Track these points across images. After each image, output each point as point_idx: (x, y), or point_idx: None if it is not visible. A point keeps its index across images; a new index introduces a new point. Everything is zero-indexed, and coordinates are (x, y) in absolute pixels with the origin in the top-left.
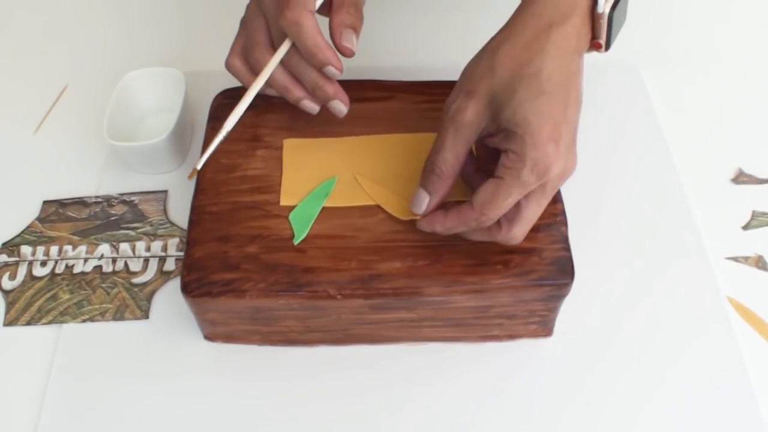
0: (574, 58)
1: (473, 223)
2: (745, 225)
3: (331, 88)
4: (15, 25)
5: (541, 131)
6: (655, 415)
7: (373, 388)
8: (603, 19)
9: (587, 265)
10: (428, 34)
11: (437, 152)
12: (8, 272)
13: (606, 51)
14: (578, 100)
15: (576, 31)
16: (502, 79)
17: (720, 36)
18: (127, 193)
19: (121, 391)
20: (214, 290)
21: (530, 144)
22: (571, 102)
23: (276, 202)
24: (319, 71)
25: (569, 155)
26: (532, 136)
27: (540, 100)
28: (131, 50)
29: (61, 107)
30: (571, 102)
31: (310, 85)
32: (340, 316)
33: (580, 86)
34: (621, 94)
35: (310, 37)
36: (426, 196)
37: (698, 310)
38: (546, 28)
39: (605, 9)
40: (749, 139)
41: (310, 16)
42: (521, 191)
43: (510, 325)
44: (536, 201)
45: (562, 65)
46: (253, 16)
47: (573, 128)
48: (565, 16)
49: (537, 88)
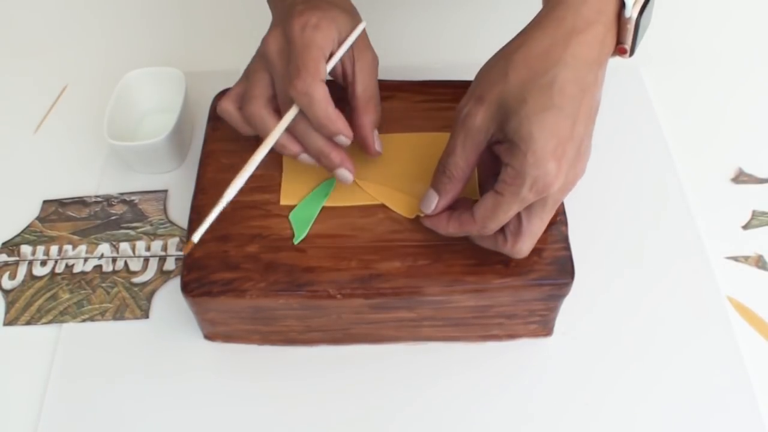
0: (593, 68)
1: (474, 232)
2: (745, 225)
3: (337, 156)
4: (15, 25)
5: (545, 149)
6: (655, 414)
7: (373, 387)
8: (630, 24)
9: (587, 265)
10: (428, 34)
11: (448, 155)
12: (8, 272)
13: (630, 56)
14: (591, 114)
15: (598, 40)
16: (513, 87)
17: (720, 36)
18: (127, 192)
19: (121, 391)
20: (214, 290)
21: (531, 162)
22: (581, 117)
23: (276, 202)
24: (327, 139)
25: (571, 171)
26: (534, 154)
27: (548, 114)
28: (131, 50)
29: (61, 107)
30: (581, 116)
31: (315, 153)
32: (340, 315)
33: (595, 99)
34: (621, 94)
35: (321, 109)
36: (435, 196)
37: (698, 310)
38: (566, 35)
39: (633, 14)
40: (749, 139)
41: (321, 86)
42: (520, 206)
43: (510, 324)
44: (538, 216)
45: (578, 77)
46: (256, 69)
47: (578, 143)
48: (588, 24)
49: (547, 101)
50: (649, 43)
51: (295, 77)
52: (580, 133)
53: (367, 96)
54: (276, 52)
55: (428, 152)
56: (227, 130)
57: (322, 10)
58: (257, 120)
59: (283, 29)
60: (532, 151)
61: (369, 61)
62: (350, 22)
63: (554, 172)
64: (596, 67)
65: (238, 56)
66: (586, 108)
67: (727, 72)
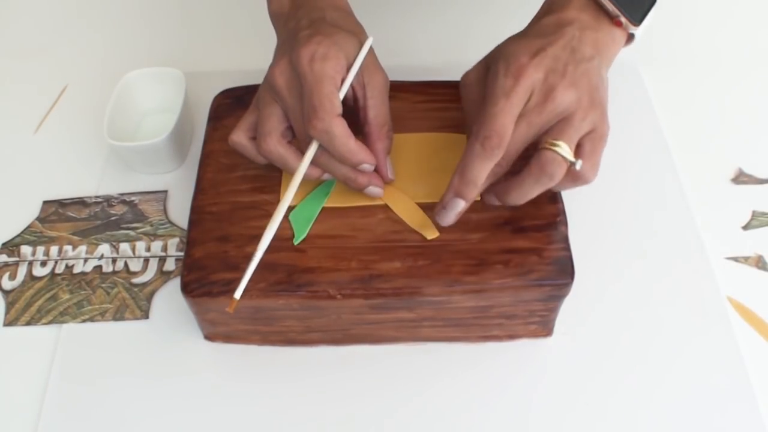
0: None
1: (478, 149)
2: (745, 225)
3: (364, 179)
4: (15, 25)
5: (516, 50)
6: (655, 415)
7: (373, 387)
8: None
9: (587, 265)
10: (428, 34)
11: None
12: (8, 272)
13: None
14: (572, 44)
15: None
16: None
17: (720, 36)
18: (127, 193)
19: (121, 391)
20: (214, 290)
21: (503, 57)
22: (558, 41)
23: (276, 202)
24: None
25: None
26: (506, 56)
27: (519, 37)
28: (131, 50)
29: (61, 107)
30: (559, 41)
31: (342, 179)
32: (340, 316)
33: (571, 34)
34: (621, 94)
35: (342, 144)
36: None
37: (698, 310)
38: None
39: None
40: (749, 139)
41: (340, 122)
42: (506, 101)
43: (510, 325)
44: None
45: (553, 21)
46: (267, 103)
47: (558, 61)
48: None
49: (520, 36)
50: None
51: (313, 117)
52: (558, 54)
53: (379, 122)
54: (285, 86)
55: (428, 152)
56: (227, 130)
57: (327, 35)
58: (275, 157)
59: (289, 60)
60: (504, 56)
61: (380, 84)
62: (357, 44)
63: (526, 60)
64: (575, 14)
65: (238, 56)
66: (564, 38)
67: (727, 72)
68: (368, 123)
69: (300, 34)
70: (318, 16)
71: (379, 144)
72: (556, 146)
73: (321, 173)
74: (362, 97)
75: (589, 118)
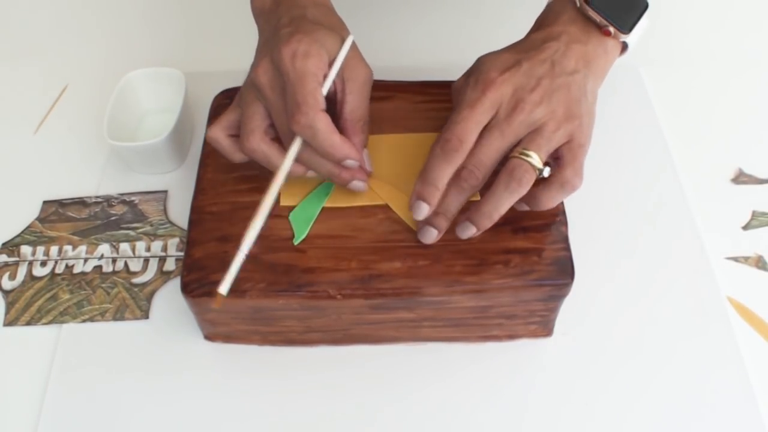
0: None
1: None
2: (745, 225)
3: (348, 174)
4: (15, 25)
5: (489, 68)
6: (655, 414)
7: (373, 387)
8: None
9: (587, 265)
10: (428, 34)
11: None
12: (8, 272)
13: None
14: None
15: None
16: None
17: (720, 36)
18: (127, 193)
19: (121, 391)
20: (214, 290)
21: (476, 71)
22: (535, 56)
23: (276, 202)
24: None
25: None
26: (479, 70)
27: (495, 53)
28: (131, 50)
29: (61, 107)
30: (536, 56)
31: (326, 175)
32: (340, 316)
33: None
34: (621, 94)
35: (326, 139)
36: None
37: (698, 310)
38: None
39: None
40: (749, 139)
41: (323, 117)
42: (470, 111)
43: (510, 325)
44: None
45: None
46: (249, 101)
47: (524, 74)
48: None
49: (503, 50)
50: (648, 43)
51: (296, 113)
52: (533, 69)
53: (354, 117)
54: (267, 84)
55: (427, 153)
56: None
57: (308, 33)
58: (259, 155)
59: (271, 59)
60: (478, 69)
61: (360, 79)
62: (338, 40)
63: (495, 75)
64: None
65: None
66: (544, 53)
67: (727, 72)
68: (343, 117)
69: (281, 32)
70: (298, 14)
71: (355, 138)
72: (524, 155)
73: (305, 170)
74: (341, 91)
75: (562, 129)
